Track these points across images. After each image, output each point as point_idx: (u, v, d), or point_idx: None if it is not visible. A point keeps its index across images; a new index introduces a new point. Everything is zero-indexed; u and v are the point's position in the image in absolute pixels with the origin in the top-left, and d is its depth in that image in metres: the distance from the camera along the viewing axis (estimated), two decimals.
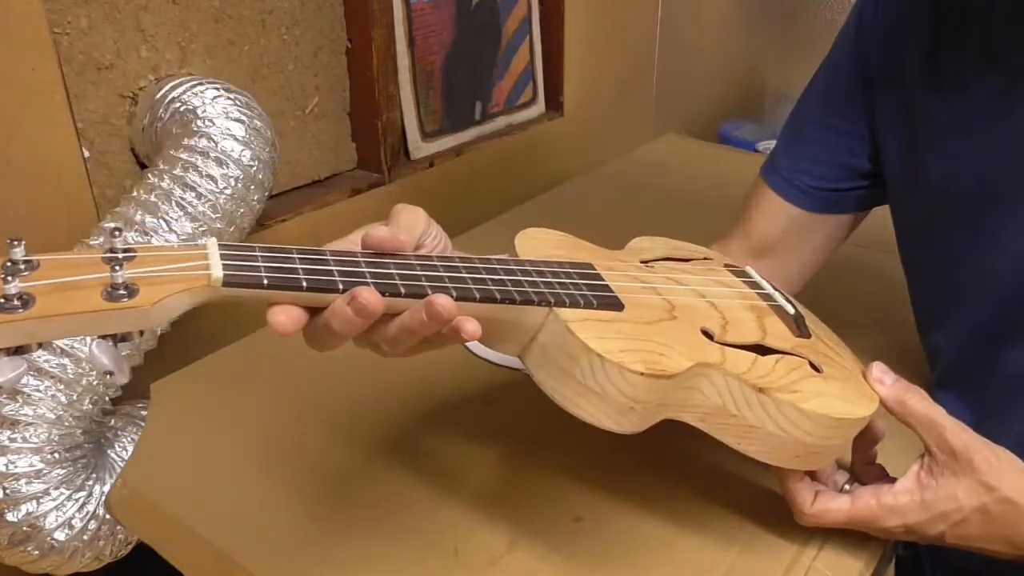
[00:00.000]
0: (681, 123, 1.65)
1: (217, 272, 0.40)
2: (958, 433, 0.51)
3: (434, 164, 1.14)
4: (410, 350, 0.47)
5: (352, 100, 1.06)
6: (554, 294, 0.49)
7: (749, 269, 0.65)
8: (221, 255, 0.41)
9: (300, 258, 0.44)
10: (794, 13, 1.75)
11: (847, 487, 0.57)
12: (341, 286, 0.43)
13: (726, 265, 0.65)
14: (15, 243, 0.36)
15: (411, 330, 0.44)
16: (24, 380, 0.66)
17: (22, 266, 0.37)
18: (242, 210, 0.78)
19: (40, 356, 0.67)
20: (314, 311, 0.44)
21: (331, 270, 0.44)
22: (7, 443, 0.65)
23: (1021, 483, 0.50)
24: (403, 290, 0.44)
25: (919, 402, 0.53)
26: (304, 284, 0.42)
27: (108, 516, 0.69)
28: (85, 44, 0.78)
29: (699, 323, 0.53)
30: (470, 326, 0.44)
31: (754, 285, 0.62)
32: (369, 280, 0.44)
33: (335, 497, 0.65)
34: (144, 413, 0.76)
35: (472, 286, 0.47)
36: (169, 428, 0.74)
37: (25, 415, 0.66)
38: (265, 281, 0.41)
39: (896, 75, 0.66)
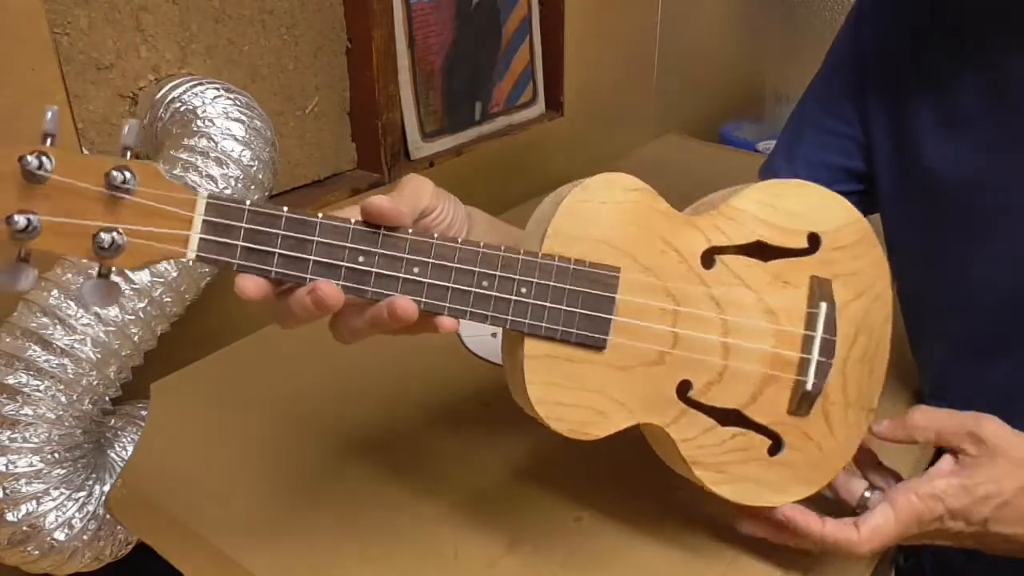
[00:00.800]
0: (681, 123, 1.65)
1: (192, 253, 0.42)
2: (981, 423, 0.51)
3: (434, 164, 1.14)
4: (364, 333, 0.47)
5: (352, 100, 1.06)
6: (532, 322, 0.47)
7: (828, 286, 0.54)
8: (203, 222, 0.42)
9: (283, 235, 0.43)
10: (794, 13, 1.75)
11: (867, 494, 0.55)
12: (309, 279, 0.43)
13: (814, 276, 0.53)
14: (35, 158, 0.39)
15: (377, 324, 0.45)
16: (25, 380, 0.66)
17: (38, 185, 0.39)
18: None
19: (40, 356, 0.67)
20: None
21: (307, 259, 0.44)
22: (7, 443, 0.65)
23: None
24: (370, 293, 0.45)
25: (933, 418, 0.53)
26: (272, 274, 0.43)
27: (108, 516, 0.69)
28: (85, 44, 0.78)
29: (683, 374, 0.51)
30: (446, 322, 0.45)
31: (812, 320, 0.53)
32: (343, 268, 0.44)
33: (335, 497, 0.65)
34: (144, 413, 0.76)
35: (446, 300, 0.46)
36: (169, 428, 0.74)
37: (25, 415, 0.66)
38: (236, 266, 0.43)
39: (888, 75, 0.67)
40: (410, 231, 0.46)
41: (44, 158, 0.39)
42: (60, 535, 0.67)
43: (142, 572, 0.74)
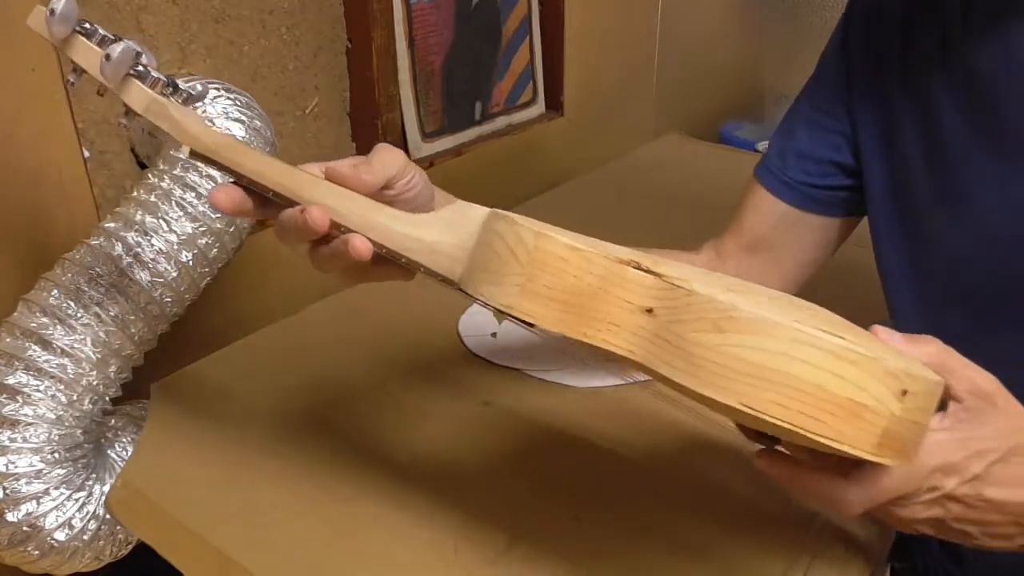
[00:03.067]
0: (681, 123, 1.65)
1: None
2: (985, 378, 0.49)
3: (434, 164, 1.14)
4: (342, 271, 0.52)
5: (352, 100, 1.06)
6: None
7: None
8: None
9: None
10: (794, 13, 1.75)
11: None
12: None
13: None
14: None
15: (289, 229, 0.49)
16: (25, 380, 0.66)
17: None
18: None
19: (40, 356, 0.67)
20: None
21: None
22: (7, 443, 0.65)
23: None
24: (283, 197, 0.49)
25: (941, 352, 0.48)
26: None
27: (108, 516, 0.69)
28: None
29: None
30: (358, 243, 0.48)
31: None
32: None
33: (335, 497, 0.65)
34: (144, 413, 0.76)
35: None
36: (169, 428, 0.74)
37: (25, 415, 0.66)
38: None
39: (875, 75, 0.68)
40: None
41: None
42: (60, 535, 0.67)
43: (142, 572, 0.74)
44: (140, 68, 0.50)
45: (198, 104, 0.72)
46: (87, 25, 0.50)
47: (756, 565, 0.58)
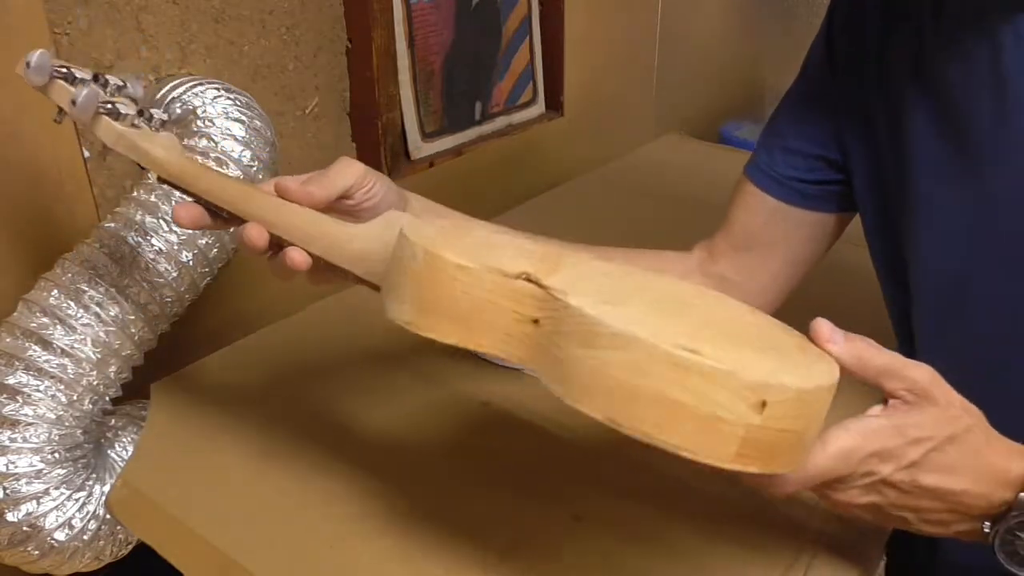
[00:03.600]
0: (681, 123, 1.65)
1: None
2: (921, 372, 0.49)
3: (434, 164, 1.14)
4: (306, 277, 0.55)
5: (352, 100, 1.06)
6: None
7: None
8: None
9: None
10: (794, 13, 1.75)
11: None
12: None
13: None
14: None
15: (241, 243, 0.53)
16: (25, 380, 0.66)
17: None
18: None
19: (40, 356, 0.67)
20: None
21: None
22: (7, 443, 0.65)
23: (981, 416, 0.50)
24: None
25: (876, 354, 0.49)
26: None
27: (108, 516, 0.69)
28: (85, 44, 0.78)
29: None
30: (295, 255, 0.52)
31: None
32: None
33: (335, 496, 0.65)
34: (144, 413, 0.76)
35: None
36: (169, 428, 0.74)
37: (25, 415, 0.66)
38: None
39: (855, 74, 0.68)
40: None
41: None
42: (60, 535, 0.67)
43: (142, 572, 0.74)
44: (109, 106, 0.55)
45: (174, 127, 0.75)
46: (64, 69, 0.55)
47: (756, 567, 0.58)
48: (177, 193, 0.59)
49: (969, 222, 0.60)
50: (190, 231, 0.74)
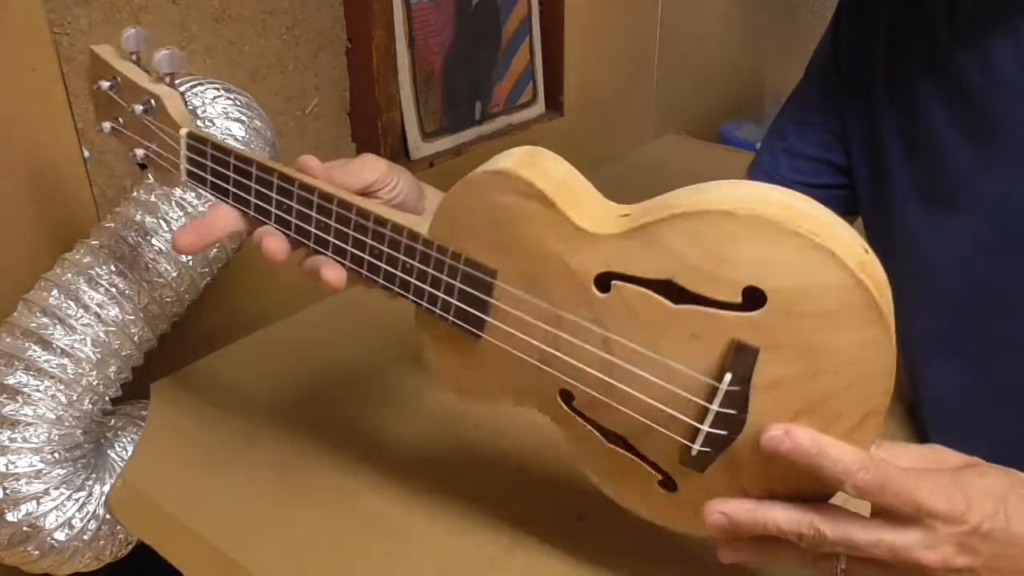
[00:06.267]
0: (681, 123, 1.65)
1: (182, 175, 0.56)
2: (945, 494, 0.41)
3: (434, 164, 1.14)
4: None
5: (352, 100, 1.06)
6: (415, 299, 0.50)
7: (750, 356, 0.42)
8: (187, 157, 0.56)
9: (233, 176, 0.54)
10: (794, 13, 1.75)
11: None
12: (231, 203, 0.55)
13: (736, 340, 0.42)
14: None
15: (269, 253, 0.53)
16: (25, 380, 0.66)
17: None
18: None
19: (40, 356, 0.67)
20: None
21: (249, 199, 0.54)
22: (7, 443, 0.65)
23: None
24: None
25: (894, 479, 0.41)
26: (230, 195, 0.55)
27: (108, 516, 0.69)
28: (85, 44, 0.78)
29: (562, 385, 0.48)
30: (331, 273, 0.51)
31: (712, 393, 0.43)
32: (272, 212, 0.53)
33: (334, 497, 0.65)
34: (144, 413, 0.76)
35: (345, 259, 0.51)
36: (169, 428, 0.74)
37: (25, 415, 0.66)
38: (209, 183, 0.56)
39: (862, 74, 0.68)
40: (316, 191, 0.51)
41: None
42: (60, 535, 0.67)
43: (142, 572, 0.74)
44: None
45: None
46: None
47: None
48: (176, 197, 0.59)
49: (992, 221, 0.59)
50: None
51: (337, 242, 0.52)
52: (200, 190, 0.57)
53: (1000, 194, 0.58)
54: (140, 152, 0.58)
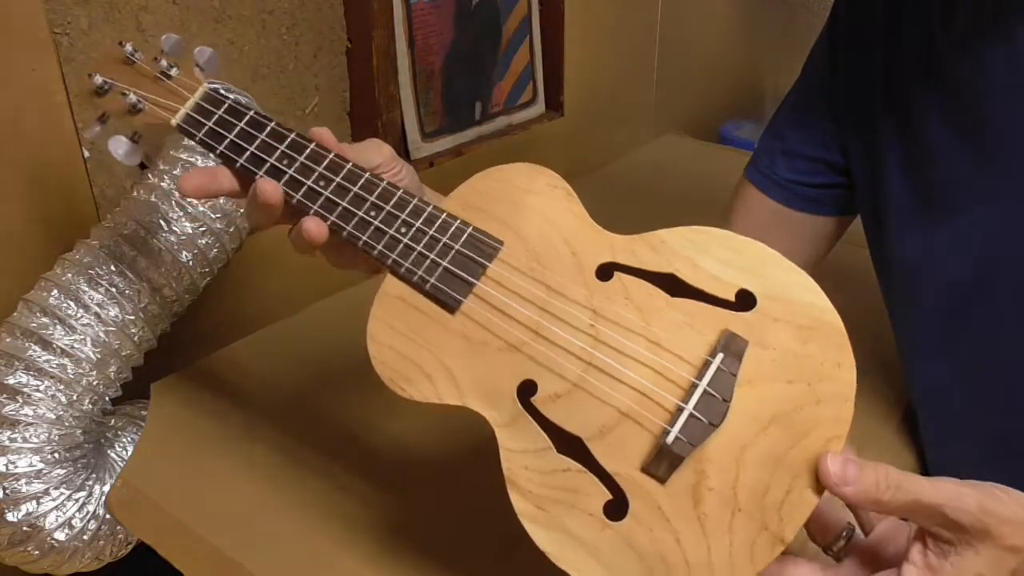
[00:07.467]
0: (681, 123, 1.65)
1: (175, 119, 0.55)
2: (960, 505, 0.41)
3: (434, 164, 1.14)
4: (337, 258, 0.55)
5: (352, 100, 1.06)
6: (396, 258, 0.50)
7: (739, 344, 0.45)
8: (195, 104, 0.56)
9: (243, 127, 0.54)
10: (794, 13, 1.75)
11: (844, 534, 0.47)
12: (240, 164, 0.53)
13: (727, 330, 0.46)
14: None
15: (254, 210, 0.53)
16: (25, 379, 0.66)
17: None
18: (242, 210, 0.78)
19: (40, 356, 0.67)
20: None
21: (246, 148, 0.53)
22: (7, 443, 0.65)
23: None
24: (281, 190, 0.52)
25: (896, 493, 0.42)
26: (218, 151, 0.54)
27: (108, 516, 0.69)
28: (85, 44, 0.78)
29: (530, 372, 0.46)
30: (312, 225, 0.50)
31: (704, 368, 0.45)
32: (269, 163, 0.52)
33: (335, 497, 0.65)
34: (144, 413, 0.76)
35: (332, 214, 0.51)
36: (169, 428, 0.74)
37: (25, 415, 0.66)
38: (198, 139, 0.55)
39: (858, 76, 0.68)
40: (331, 152, 0.52)
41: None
42: (60, 535, 0.67)
43: (142, 572, 0.74)
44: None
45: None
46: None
47: None
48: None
49: (987, 224, 0.59)
50: (190, 231, 0.74)
51: (334, 198, 0.52)
52: (188, 140, 0.58)
53: (994, 197, 0.58)
54: (132, 97, 0.57)
